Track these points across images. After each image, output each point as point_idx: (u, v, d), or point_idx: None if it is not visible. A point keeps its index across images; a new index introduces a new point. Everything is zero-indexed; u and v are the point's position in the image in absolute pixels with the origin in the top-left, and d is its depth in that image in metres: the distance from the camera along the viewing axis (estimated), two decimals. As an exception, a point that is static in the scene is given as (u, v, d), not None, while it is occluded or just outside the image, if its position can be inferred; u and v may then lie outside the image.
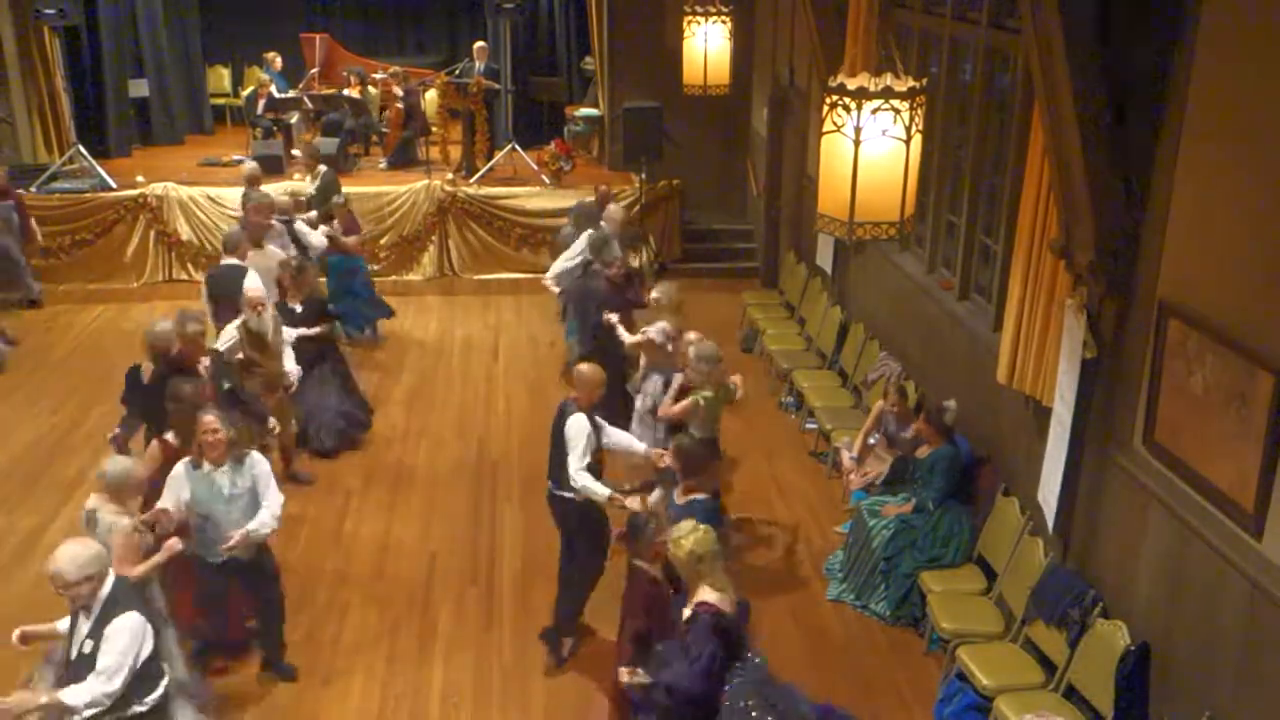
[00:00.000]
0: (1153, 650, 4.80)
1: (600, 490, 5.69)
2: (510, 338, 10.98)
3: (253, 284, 7.51)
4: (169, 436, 5.93)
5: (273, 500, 5.50)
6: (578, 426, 5.76)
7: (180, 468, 5.45)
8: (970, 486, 6.63)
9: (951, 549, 6.34)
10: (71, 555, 4.22)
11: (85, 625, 4.30)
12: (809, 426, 8.65)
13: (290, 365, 7.56)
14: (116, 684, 4.20)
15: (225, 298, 7.83)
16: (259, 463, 5.54)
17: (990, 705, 5.19)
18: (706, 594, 4.49)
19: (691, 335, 6.96)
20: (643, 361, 7.62)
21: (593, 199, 10.58)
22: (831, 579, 6.83)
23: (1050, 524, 5.58)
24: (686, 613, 4.53)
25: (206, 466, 5.40)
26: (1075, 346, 5.21)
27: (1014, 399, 6.13)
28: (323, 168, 11.11)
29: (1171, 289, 4.73)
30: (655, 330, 7.42)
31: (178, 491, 5.40)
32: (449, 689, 5.89)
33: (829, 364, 9.31)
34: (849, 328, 9.20)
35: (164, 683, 4.49)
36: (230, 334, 7.30)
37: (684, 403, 6.55)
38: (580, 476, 5.70)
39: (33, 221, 11.01)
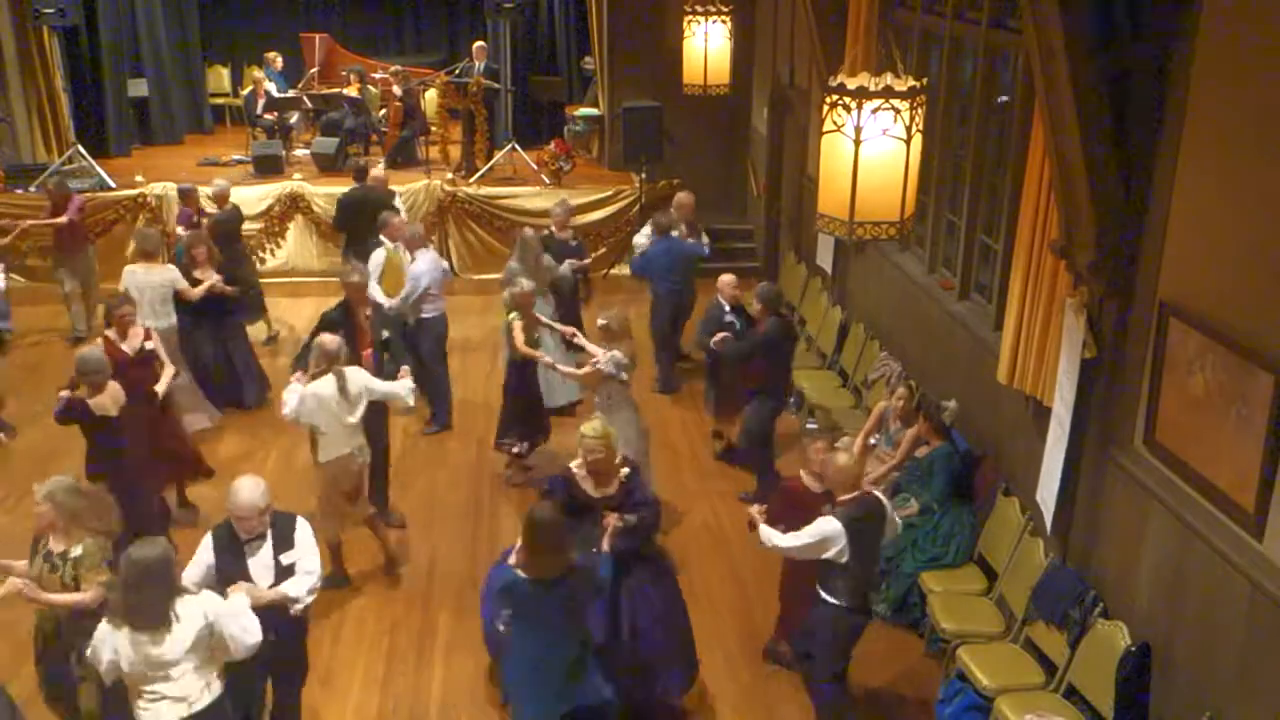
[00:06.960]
0: (1153, 650, 4.79)
1: None
2: (510, 338, 10.96)
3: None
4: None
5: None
6: None
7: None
8: (970, 486, 6.63)
9: (952, 549, 6.34)
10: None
11: None
12: (810, 426, 8.62)
13: None
14: None
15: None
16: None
17: (990, 705, 5.19)
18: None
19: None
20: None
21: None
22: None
23: (1048, 524, 5.58)
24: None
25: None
26: (1075, 346, 5.20)
27: (1014, 399, 6.13)
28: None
29: (1172, 289, 4.73)
30: (606, 360, 6.86)
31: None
32: (449, 689, 5.89)
33: (829, 364, 9.31)
34: (849, 328, 9.19)
35: None
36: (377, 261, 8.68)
37: (585, 369, 7.13)
38: None
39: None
